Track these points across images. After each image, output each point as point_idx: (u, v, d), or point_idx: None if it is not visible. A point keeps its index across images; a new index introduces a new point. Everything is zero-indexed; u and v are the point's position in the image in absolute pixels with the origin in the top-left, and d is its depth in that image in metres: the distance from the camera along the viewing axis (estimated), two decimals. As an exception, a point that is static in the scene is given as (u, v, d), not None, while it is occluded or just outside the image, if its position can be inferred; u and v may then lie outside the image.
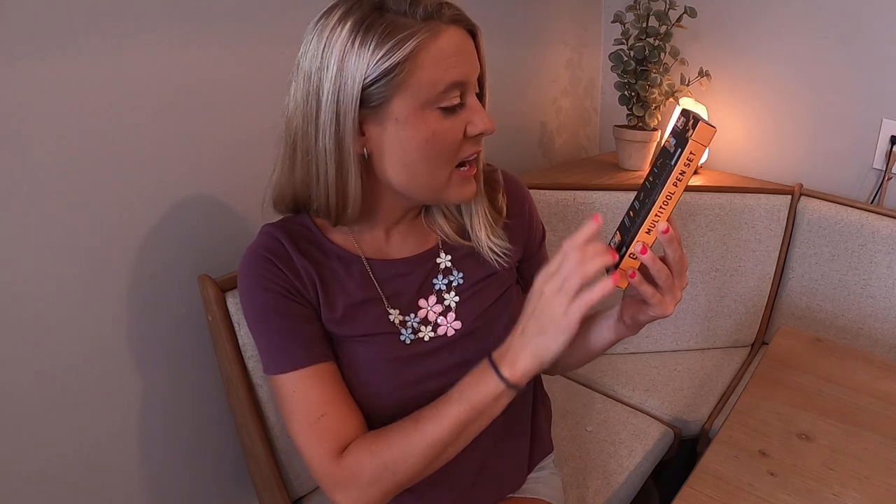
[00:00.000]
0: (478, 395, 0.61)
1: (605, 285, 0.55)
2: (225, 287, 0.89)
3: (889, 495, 0.73)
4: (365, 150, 0.63)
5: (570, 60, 1.73)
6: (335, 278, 0.71)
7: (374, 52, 0.57)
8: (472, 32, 0.64)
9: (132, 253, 0.88)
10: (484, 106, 0.67)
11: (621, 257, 0.58)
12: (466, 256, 0.77)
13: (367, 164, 0.65)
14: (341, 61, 0.58)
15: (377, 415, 0.69)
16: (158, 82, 0.85)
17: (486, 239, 0.75)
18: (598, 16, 1.79)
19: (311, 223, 0.73)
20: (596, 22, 1.79)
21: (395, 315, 0.72)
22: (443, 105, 0.61)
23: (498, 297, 0.77)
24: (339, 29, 0.58)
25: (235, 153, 0.97)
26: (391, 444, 0.64)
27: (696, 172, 0.56)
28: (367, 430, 0.68)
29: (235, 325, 0.89)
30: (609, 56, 1.52)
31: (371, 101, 0.60)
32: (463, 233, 0.76)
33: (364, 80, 0.58)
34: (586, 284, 0.56)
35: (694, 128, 0.53)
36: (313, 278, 0.69)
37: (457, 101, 0.62)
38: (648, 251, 0.57)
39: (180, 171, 0.91)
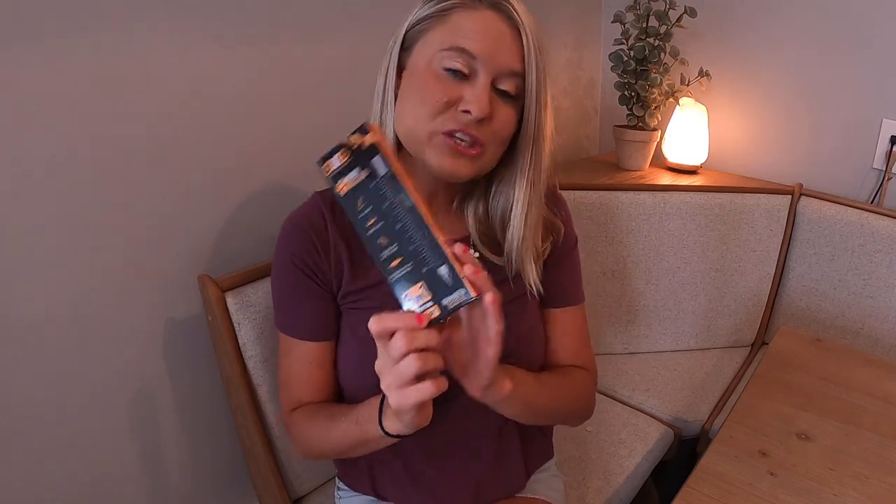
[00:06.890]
0: (369, 432, 0.65)
1: (433, 387, 0.52)
2: (225, 287, 0.89)
3: (889, 495, 0.73)
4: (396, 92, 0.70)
5: (570, 60, 1.73)
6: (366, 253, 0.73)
7: (423, 4, 0.69)
8: (516, 27, 0.66)
9: (132, 253, 0.88)
10: (534, 114, 0.68)
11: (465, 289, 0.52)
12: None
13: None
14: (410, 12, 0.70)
15: (359, 387, 0.74)
16: (161, 83, 0.85)
17: (531, 272, 0.75)
18: (598, 16, 1.78)
19: None
20: (596, 22, 1.79)
21: None
22: (445, 65, 0.65)
23: (513, 299, 0.77)
24: None
25: (236, 153, 0.97)
26: (313, 430, 0.74)
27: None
28: (328, 399, 0.78)
29: (235, 325, 0.89)
30: (609, 56, 1.52)
31: (405, 43, 0.69)
32: (490, 241, 0.76)
33: (408, 24, 0.69)
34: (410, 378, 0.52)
35: (362, 133, 0.53)
36: (341, 256, 0.74)
37: (457, 64, 0.65)
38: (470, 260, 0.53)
39: (181, 171, 0.90)
